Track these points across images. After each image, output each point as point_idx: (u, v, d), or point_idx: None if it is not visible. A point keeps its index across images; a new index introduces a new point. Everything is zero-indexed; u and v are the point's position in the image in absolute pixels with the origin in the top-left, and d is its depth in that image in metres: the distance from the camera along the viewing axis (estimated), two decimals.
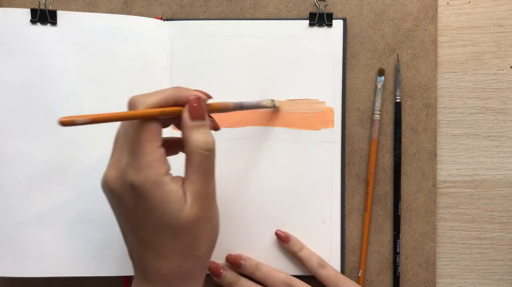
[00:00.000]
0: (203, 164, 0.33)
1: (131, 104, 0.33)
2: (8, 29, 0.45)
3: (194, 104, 0.34)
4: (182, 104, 0.34)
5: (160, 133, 0.33)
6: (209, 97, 0.36)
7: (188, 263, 0.34)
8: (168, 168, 0.33)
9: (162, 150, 0.33)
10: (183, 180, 0.34)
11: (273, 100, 0.45)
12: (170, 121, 0.36)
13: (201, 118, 0.34)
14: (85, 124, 0.30)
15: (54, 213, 0.45)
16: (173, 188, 0.32)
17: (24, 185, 0.45)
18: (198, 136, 0.33)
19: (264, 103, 0.45)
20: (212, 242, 0.36)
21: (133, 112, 0.32)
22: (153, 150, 0.32)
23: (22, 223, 0.45)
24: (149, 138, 0.32)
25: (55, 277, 0.46)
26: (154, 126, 0.32)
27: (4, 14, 0.45)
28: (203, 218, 0.34)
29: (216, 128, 0.39)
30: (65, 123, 0.29)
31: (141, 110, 0.32)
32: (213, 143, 0.34)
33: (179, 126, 0.36)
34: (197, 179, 0.33)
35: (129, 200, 0.33)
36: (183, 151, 0.37)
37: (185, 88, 0.35)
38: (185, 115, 0.34)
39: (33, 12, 0.45)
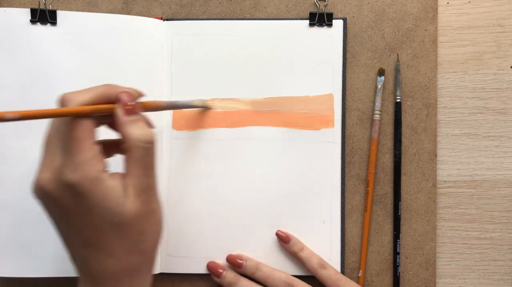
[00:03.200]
0: (144, 158, 0.33)
1: (62, 101, 0.33)
2: (8, 29, 0.45)
3: (125, 100, 0.34)
4: (114, 102, 0.34)
5: (94, 130, 0.33)
6: (141, 94, 0.36)
7: (135, 259, 0.34)
8: (105, 165, 0.33)
9: (97, 147, 0.32)
10: (122, 176, 0.33)
11: (204, 100, 0.45)
12: (102, 120, 0.36)
13: (135, 113, 0.34)
14: (15, 120, 0.30)
15: None
16: (113, 184, 0.32)
17: (24, 185, 0.45)
18: (136, 130, 0.33)
19: (195, 103, 0.45)
20: (157, 235, 0.35)
21: (66, 109, 0.31)
22: (89, 147, 0.32)
23: (22, 223, 0.45)
24: (84, 135, 0.32)
25: (55, 277, 0.46)
26: (88, 123, 0.32)
27: (4, 14, 0.45)
28: (147, 212, 0.33)
29: (149, 125, 0.38)
30: (1, 119, 0.28)
31: (74, 107, 0.32)
32: (153, 136, 0.34)
33: (112, 125, 0.36)
34: (139, 173, 0.33)
35: (68, 201, 0.32)
36: (118, 153, 0.37)
37: (116, 85, 0.35)
38: (119, 111, 0.33)
39: (33, 12, 0.45)
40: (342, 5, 0.47)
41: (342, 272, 0.46)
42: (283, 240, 0.45)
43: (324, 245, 0.46)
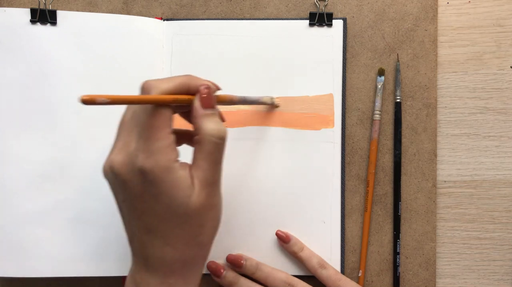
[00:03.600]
0: (214, 153, 0.33)
1: (145, 89, 0.33)
2: (8, 29, 0.45)
3: (205, 93, 0.34)
4: (193, 93, 0.34)
5: (171, 119, 0.33)
6: (218, 88, 0.36)
7: (192, 250, 0.35)
8: (178, 155, 0.33)
9: (173, 137, 0.33)
10: (190, 167, 0.34)
11: (272, 97, 0.45)
12: (178, 109, 0.36)
13: (212, 107, 0.34)
14: (105, 104, 0.30)
15: (54, 213, 0.45)
16: (182, 175, 0.32)
17: (24, 185, 0.45)
18: (210, 124, 0.33)
19: (264, 99, 0.45)
20: (215, 230, 0.36)
21: (149, 97, 0.32)
22: (165, 136, 0.32)
23: (22, 223, 0.45)
24: (161, 123, 0.32)
25: (55, 277, 0.46)
26: (166, 112, 0.32)
27: (4, 14, 0.45)
28: (209, 206, 0.34)
29: (222, 120, 0.39)
30: (86, 101, 0.29)
31: (156, 95, 0.32)
32: (225, 132, 0.34)
33: (186, 115, 0.36)
34: (207, 166, 0.33)
35: (137, 185, 0.32)
36: (187, 143, 0.37)
37: (196, 77, 0.35)
38: (197, 103, 0.34)
39: (33, 12, 0.45)
40: (342, 5, 0.47)
41: (342, 272, 0.46)
42: (283, 240, 0.45)
43: (324, 245, 0.46)
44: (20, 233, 0.45)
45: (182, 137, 0.37)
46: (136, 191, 0.33)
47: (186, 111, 0.36)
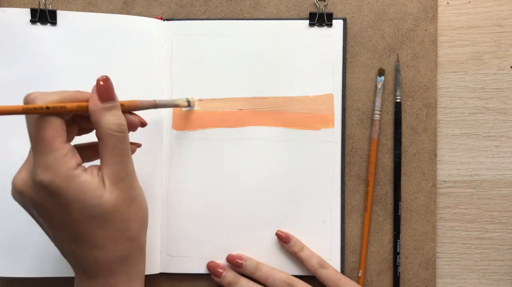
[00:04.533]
0: (118, 146, 0.33)
1: (29, 100, 0.32)
2: (8, 29, 0.45)
3: (101, 83, 0.33)
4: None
5: (63, 128, 0.32)
6: (143, 122, 0.37)
7: (123, 246, 0.34)
8: (79, 161, 0.32)
9: (68, 145, 0.32)
10: (98, 168, 0.33)
11: (187, 99, 0.45)
12: (72, 126, 0.35)
13: (111, 98, 0.33)
14: None
15: None
16: (87, 178, 0.32)
17: None
18: (110, 118, 0.33)
19: (178, 102, 0.44)
20: (143, 221, 0.35)
21: (31, 106, 0.31)
22: (58, 146, 0.31)
23: (22, 223, 0.45)
24: (52, 134, 0.31)
25: (55, 277, 0.46)
26: (56, 121, 0.32)
27: (4, 14, 0.45)
28: (127, 199, 0.33)
29: (143, 124, 0.38)
30: None
31: (40, 104, 0.31)
32: (125, 124, 0.33)
33: (86, 129, 0.36)
34: (114, 161, 0.33)
35: (44, 200, 0.32)
36: (97, 157, 0.36)
37: (86, 92, 0.34)
38: (93, 98, 0.33)
39: (33, 12, 0.45)
40: (342, 5, 0.47)
41: (342, 272, 0.46)
42: (283, 240, 0.45)
43: (324, 245, 0.46)
44: (20, 233, 0.45)
45: (89, 150, 0.37)
46: (46, 205, 0.32)
47: (85, 127, 0.36)
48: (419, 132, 0.47)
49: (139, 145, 0.40)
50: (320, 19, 0.46)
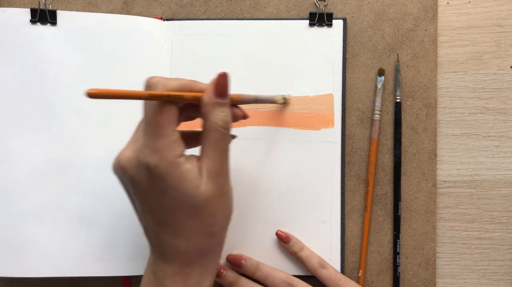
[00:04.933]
0: (220, 142, 0.34)
1: (151, 85, 0.33)
2: (8, 29, 0.45)
3: (221, 79, 0.34)
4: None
5: (177, 116, 0.33)
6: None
7: (205, 240, 0.35)
8: (183, 150, 0.34)
9: (177, 133, 0.33)
10: (197, 158, 0.34)
11: (284, 96, 0.45)
12: (186, 113, 0.37)
13: (225, 96, 0.35)
14: (109, 98, 0.31)
15: (54, 213, 0.45)
16: (189, 167, 0.33)
17: (24, 184, 0.45)
18: (219, 114, 0.34)
19: (276, 99, 0.45)
20: (227, 218, 0.36)
21: (156, 92, 0.32)
22: (169, 133, 0.33)
23: (22, 223, 0.45)
24: (167, 120, 0.32)
25: (55, 277, 0.46)
26: (172, 108, 0.33)
27: (4, 14, 0.45)
28: (219, 194, 0.34)
29: (245, 116, 0.39)
30: (92, 94, 0.30)
31: (163, 91, 0.32)
32: (231, 122, 0.35)
33: (191, 117, 0.37)
34: (214, 155, 0.34)
35: (144, 180, 0.33)
36: (198, 145, 0.37)
37: (201, 83, 0.35)
38: (209, 91, 0.34)
39: (33, 12, 0.45)
40: (342, 5, 0.47)
41: (342, 272, 0.46)
42: (283, 240, 0.45)
43: (324, 245, 0.46)
44: (20, 233, 0.45)
45: (191, 138, 0.38)
46: (144, 185, 0.33)
47: (192, 116, 0.37)
48: (419, 132, 0.47)
49: (234, 137, 0.40)
50: (320, 19, 0.46)
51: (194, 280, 0.35)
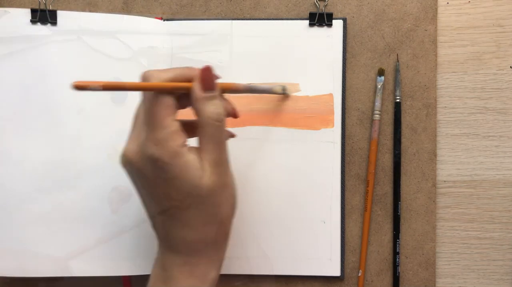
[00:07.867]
0: (215, 134, 0.34)
1: (145, 78, 0.34)
2: (8, 29, 0.45)
3: (204, 73, 0.35)
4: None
5: (174, 106, 0.34)
6: (218, 77, 0.37)
7: (211, 230, 0.36)
8: (185, 140, 0.34)
9: (177, 123, 0.34)
10: (198, 149, 0.35)
11: (284, 86, 0.45)
12: (182, 102, 0.37)
13: (212, 89, 0.35)
14: (97, 90, 0.31)
15: (54, 213, 0.45)
16: (191, 158, 0.33)
17: (25, 185, 0.45)
18: (210, 107, 0.34)
19: (275, 89, 0.44)
20: (232, 208, 0.37)
21: (147, 84, 0.33)
22: (169, 124, 0.33)
23: (22, 223, 0.45)
24: (165, 111, 0.33)
25: (55, 277, 0.46)
26: (168, 99, 0.33)
27: (4, 14, 0.45)
28: (222, 184, 0.35)
29: (235, 115, 0.40)
30: (78, 87, 0.30)
31: (154, 82, 0.33)
32: (224, 114, 0.35)
33: (186, 104, 0.37)
34: (212, 148, 0.34)
35: (149, 172, 0.34)
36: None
37: (196, 68, 0.36)
38: (196, 87, 0.34)
39: (33, 12, 0.45)
40: (342, 5, 0.47)
41: (342, 272, 0.46)
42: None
43: (324, 245, 0.46)
44: (20, 233, 0.45)
45: (192, 127, 0.38)
46: (150, 177, 0.34)
47: (189, 104, 0.37)
48: (419, 132, 0.47)
49: (232, 135, 0.41)
50: (320, 19, 0.46)
51: (201, 270, 0.36)
